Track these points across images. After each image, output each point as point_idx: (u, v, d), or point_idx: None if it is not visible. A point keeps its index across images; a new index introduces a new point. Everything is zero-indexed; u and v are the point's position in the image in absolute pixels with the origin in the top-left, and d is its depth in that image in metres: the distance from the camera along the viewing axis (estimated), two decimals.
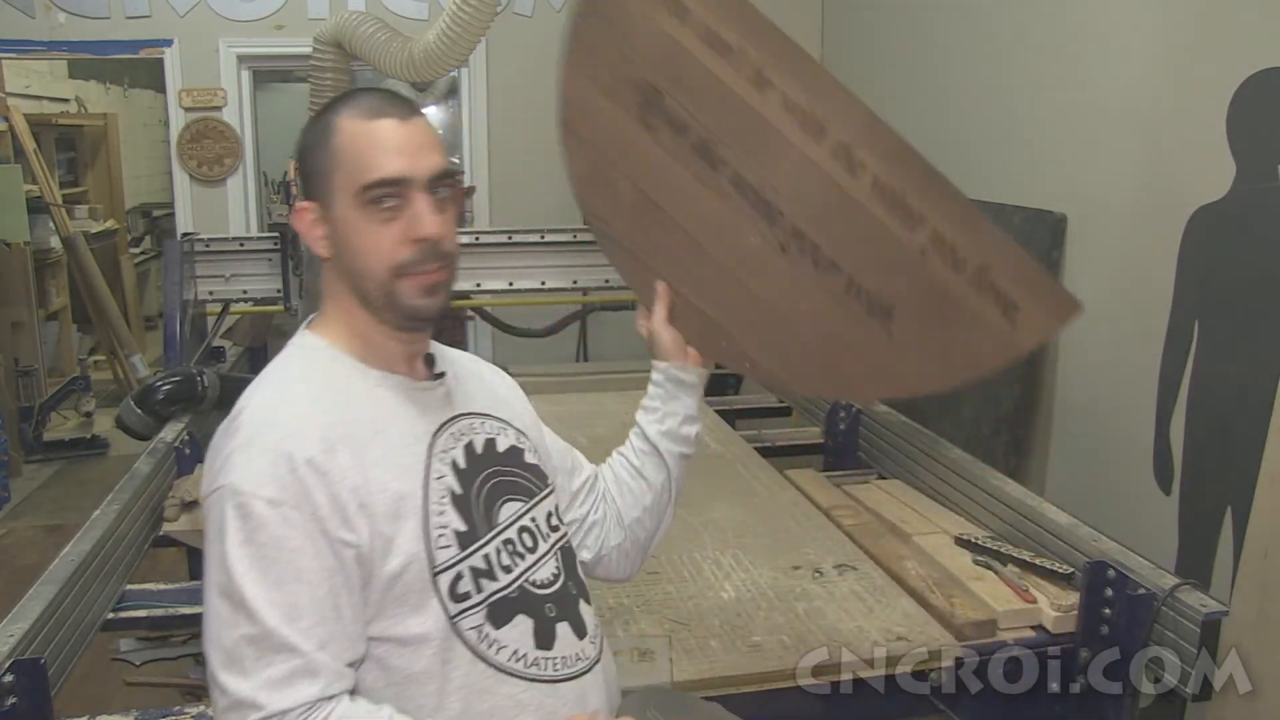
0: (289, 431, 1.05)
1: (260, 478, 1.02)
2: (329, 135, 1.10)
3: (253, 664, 0.98)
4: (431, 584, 1.07)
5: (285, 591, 1.00)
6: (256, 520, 1.01)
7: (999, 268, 1.19)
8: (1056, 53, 2.97)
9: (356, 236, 1.10)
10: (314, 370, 1.13)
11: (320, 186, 1.11)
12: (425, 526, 1.08)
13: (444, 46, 2.21)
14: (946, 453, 2.29)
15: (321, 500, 1.03)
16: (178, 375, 2.67)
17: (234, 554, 1.00)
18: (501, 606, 1.12)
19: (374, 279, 1.10)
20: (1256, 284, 2.22)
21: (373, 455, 1.08)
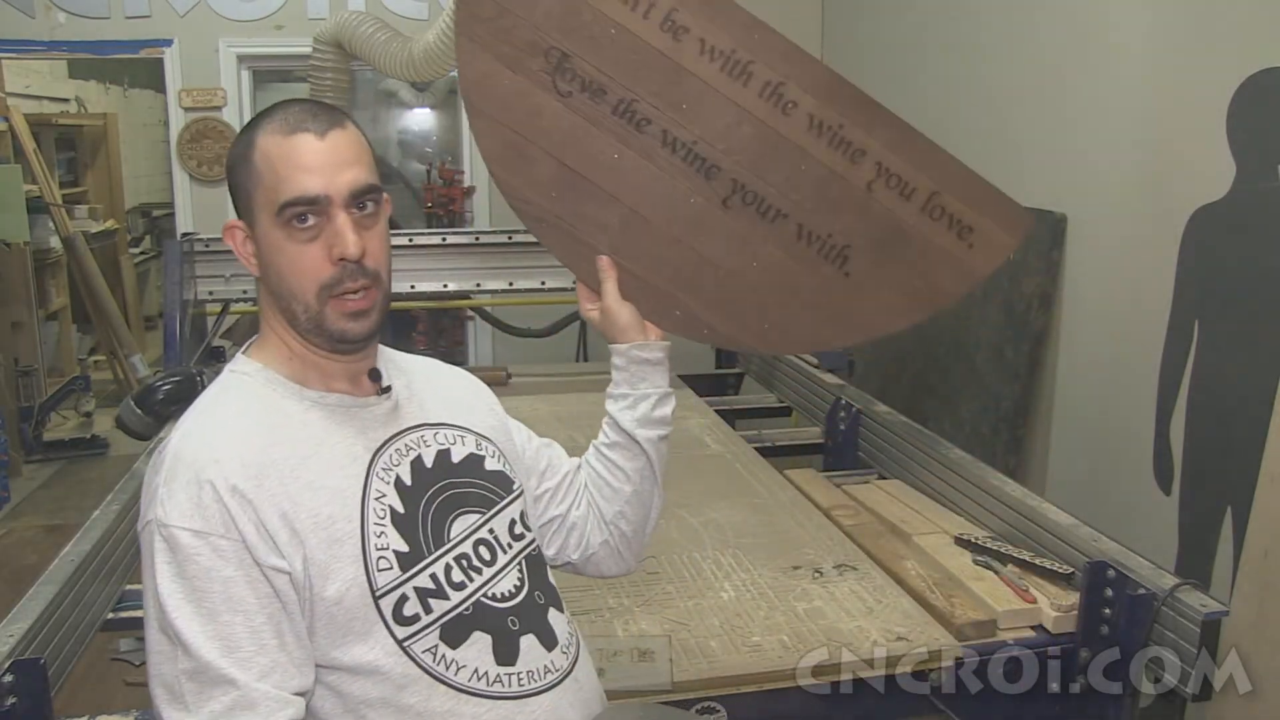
0: (211, 460, 1.02)
1: (185, 510, 0.99)
2: (250, 151, 1.07)
3: (194, 698, 0.97)
4: (375, 608, 1.04)
5: (220, 623, 0.98)
6: (185, 553, 0.98)
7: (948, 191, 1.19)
8: (1057, 53, 2.97)
9: (280, 256, 1.07)
10: (244, 396, 1.10)
11: (244, 204, 1.09)
12: (363, 549, 1.05)
13: (444, 46, 2.21)
14: (946, 453, 2.29)
15: (249, 528, 1.00)
16: (178, 375, 2.68)
17: (165, 588, 0.98)
18: (455, 625, 1.09)
19: (301, 301, 1.08)
20: (1256, 284, 2.22)
21: (304, 479, 1.05)
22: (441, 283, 3.10)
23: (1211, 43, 2.35)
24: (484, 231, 3.18)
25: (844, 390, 2.84)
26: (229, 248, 1.16)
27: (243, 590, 0.99)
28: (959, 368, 3.24)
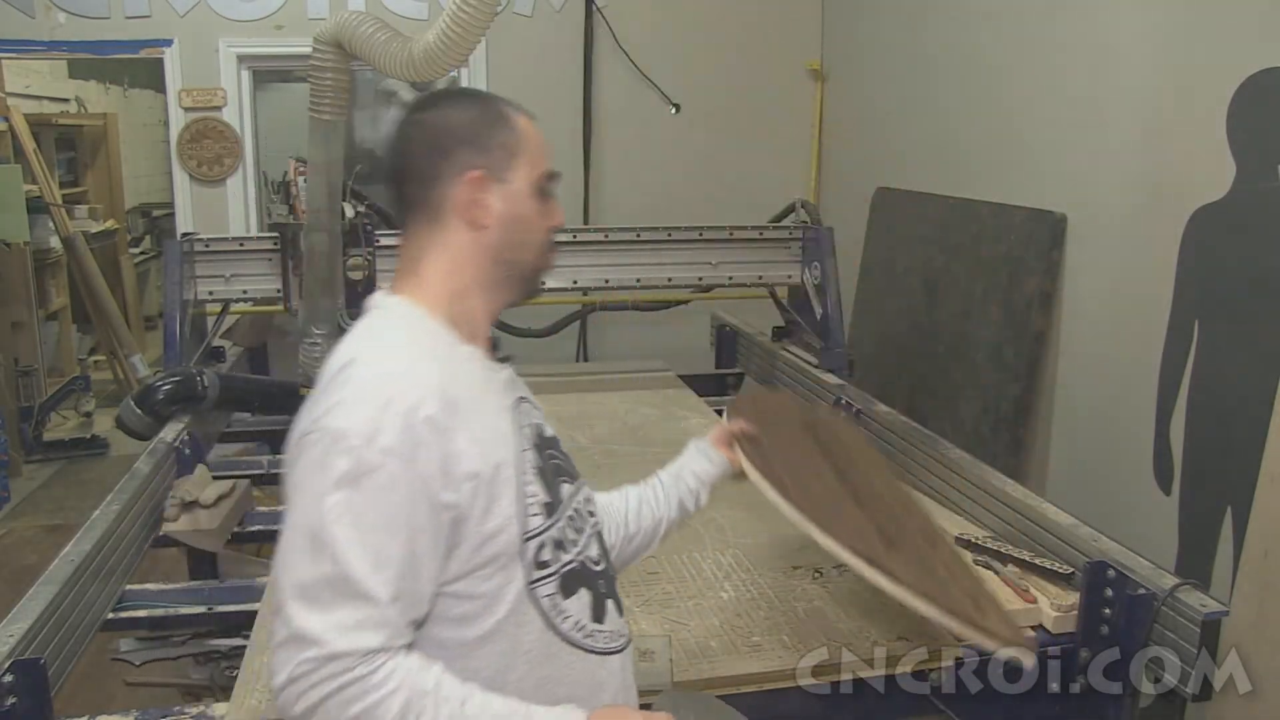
0: (409, 386, 1.05)
1: (378, 426, 1.02)
2: (507, 120, 1.19)
3: (326, 604, 0.99)
4: (520, 549, 1.11)
5: (375, 540, 1.01)
6: (366, 466, 1.01)
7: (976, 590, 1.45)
8: (1057, 53, 2.97)
9: (531, 215, 1.20)
10: (419, 336, 1.14)
11: (498, 161, 1.17)
12: (519, 493, 1.12)
13: (444, 46, 2.21)
14: (946, 453, 2.29)
15: (431, 458, 1.03)
16: (178, 375, 2.67)
17: (334, 495, 1.01)
18: (570, 578, 1.16)
19: (534, 254, 1.22)
20: (1256, 284, 2.22)
21: (479, 420, 1.10)
22: None
23: (1211, 43, 2.35)
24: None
25: (844, 390, 2.84)
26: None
27: (405, 516, 1.02)
28: (959, 368, 3.24)
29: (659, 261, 3.22)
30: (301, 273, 2.86)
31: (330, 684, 0.98)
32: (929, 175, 3.70)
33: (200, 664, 2.40)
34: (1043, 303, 2.91)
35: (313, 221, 2.70)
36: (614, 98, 4.73)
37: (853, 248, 4.07)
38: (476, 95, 1.24)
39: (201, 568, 2.47)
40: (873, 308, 3.97)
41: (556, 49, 4.69)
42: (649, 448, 2.70)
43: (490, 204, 1.17)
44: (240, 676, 1.56)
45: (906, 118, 3.95)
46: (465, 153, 1.16)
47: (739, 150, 4.84)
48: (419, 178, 1.17)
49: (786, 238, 3.30)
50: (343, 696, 0.98)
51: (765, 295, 3.45)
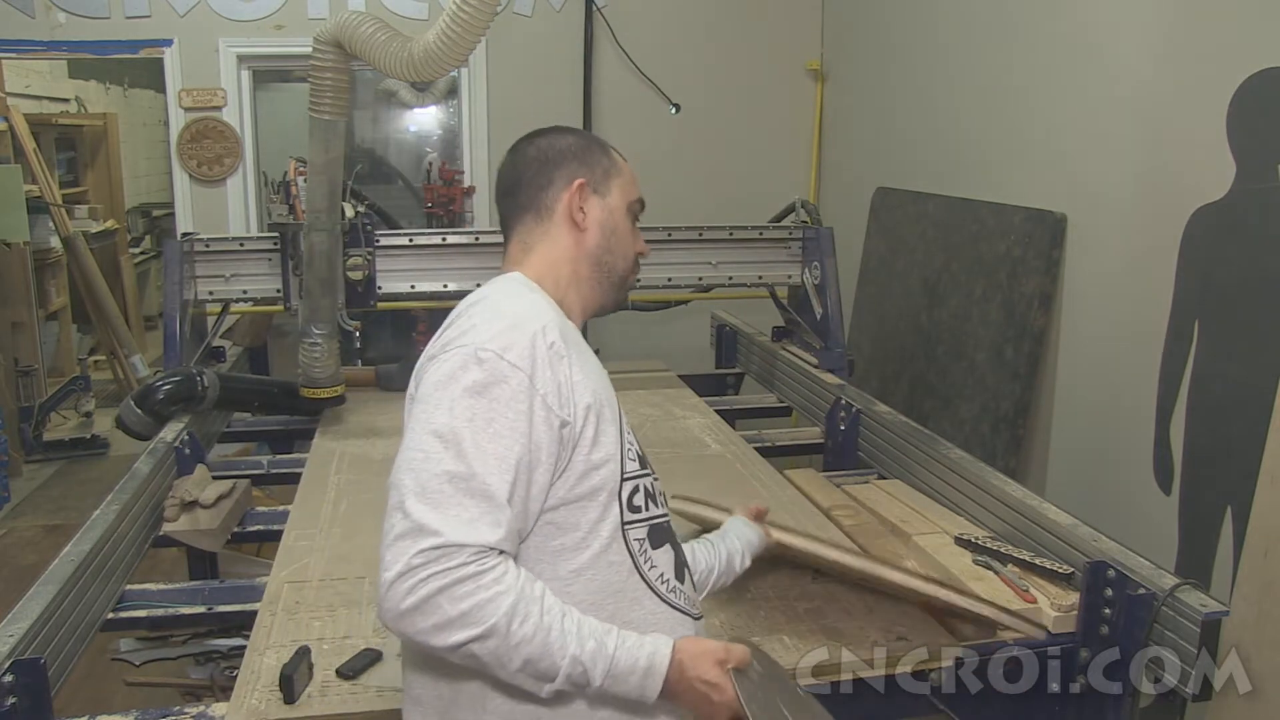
0: (535, 316, 1.18)
1: (508, 343, 1.13)
2: (607, 150, 1.37)
3: (447, 499, 1.05)
4: (618, 487, 1.19)
5: (502, 444, 1.09)
6: (497, 376, 1.11)
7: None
8: (1057, 53, 2.97)
9: (624, 229, 1.36)
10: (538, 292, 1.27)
11: (599, 177, 1.34)
12: (621, 434, 1.22)
13: (444, 46, 2.21)
14: (946, 453, 2.29)
15: (551, 378, 1.13)
16: (178, 375, 2.67)
17: (464, 401, 1.10)
18: (657, 531, 1.25)
19: (625, 262, 1.36)
20: (1256, 284, 2.22)
21: (588, 361, 1.22)
22: (441, 283, 3.09)
23: (1211, 43, 2.35)
24: (484, 231, 3.17)
25: (844, 390, 2.84)
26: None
27: (528, 426, 1.11)
28: (959, 368, 3.24)
29: (659, 261, 3.21)
30: (301, 273, 2.86)
31: (446, 577, 1.02)
32: (929, 175, 3.70)
33: (200, 664, 2.40)
34: (1043, 303, 2.91)
35: (313, 221, 2.70)
36: (614, 98, 4.73)
37: (853, 248, 4.07)
38: (582, 130, 1.43)
39: (201, 568, 2.47)
40: (873, 308, 3.97)
41: (556, 49, 4.69)
42: (649, 448, 2.69)
43: (590, 209, 1.32)
44: (240, 676, 1.56)
45: (906, 118, 3.95)
46: (573, 165, 1.32)
47: (739, 150, 4.84)
48: (533, 185, 1.32)
49: (786, 238, 3.30)
50: (457, 591, 1.02)
51: (765, 295, 3.45)
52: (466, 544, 1.03)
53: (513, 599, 1.04)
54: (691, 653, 1.13)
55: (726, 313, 3.89)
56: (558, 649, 1.06)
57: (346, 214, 2.85)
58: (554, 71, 4.67)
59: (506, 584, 1.05)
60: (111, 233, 6.93)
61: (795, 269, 3.30)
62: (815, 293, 3.22)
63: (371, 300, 3.02)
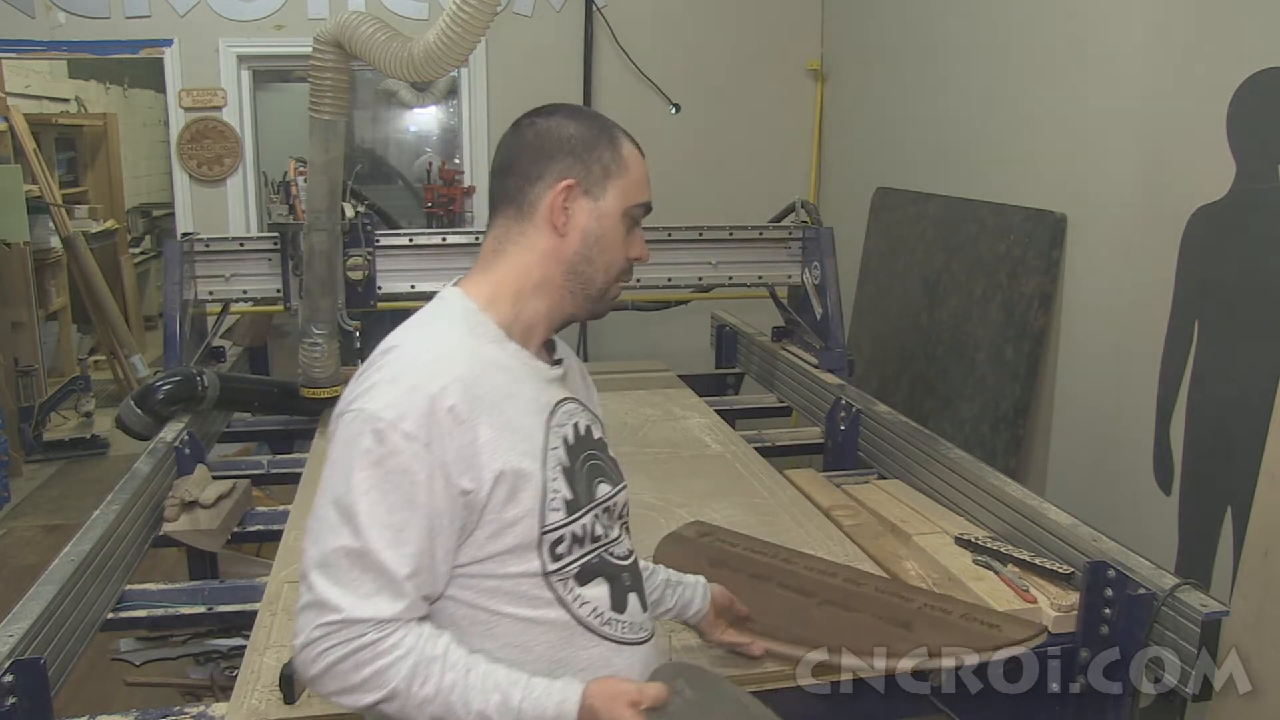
0: (437, 375, 1.12)
1: (402, 411, 1.09)
2: (616, 144, 1.25)
3: (345, 574, 1.07)
4: (538, 540, 1.16)
5: (398, 516, 1.08)
6: (389, 448, 1.08)
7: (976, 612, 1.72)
8: (1057, 53, 2.97)
9: (613, 236, 1.25)
10: (464, 327, 1.21)
11: (595, 177, 1.24)
12: (543, 489, 1.17)
13: (444, 46, 2.21)
14: (946, 453, 2.29)
15: (452, 447, 1.10)
16: (178, 375, 2.67)
17: (361, 472, 1.09)
18: (587, 569, 1.22)
19: (607, 274, 1.26)
20: (1256, 284, 2.22)
21: (506, 415, 1.16)
22: (441, 283, 3.09)
23: (1211, 43, 2.35)
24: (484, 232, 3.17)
25: (844, 390, 2.84)
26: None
27: (425, 496, 1.09)
28: (959, 368, 3.24)
29: (659, 261, 3.21)
30: (301, 273, 2.86)
31: (345, 647, 1.06)
32: (929, 175, 3.70)
33: (200, 664, 2.40)
34: (1043, 303, 2.91)
35: (313, 221, 2.70)
36: (614, 98, 4.73)
37: (853, 248, 4.07)
38: (595, 115, 1.30)
39: (201, 568, 2.47)
40: (873, 308, 3.97)
41: (556, 49, 4.69)
42: (649, 448, 2.70)
43: (574, 214, 1.23)
44: (240, 676, 1.56)
45: (906, 118, 3.95)
46: (566, 161, 1.23)
47: (739, 150, 4.84)
48: (521, 174, 1.24)
49: (786, 238, 3.30)
50: (356, 659, 1.06)
51: (765, 295, 3.45)
52: (364, 619, 1.06)
53: (412, 662, 1.07)
54: (603, 695, 1.11)
55: (726, 313, 3.89)
56: (460, 706, 1.08)
57: (346, 214, 2.86)
58: (554, 71, 4.67)
59: (405, 648, 1.07)
60: (111, 233, 6.93)
61: (795, 269, 3.30)
62: (815, 293, 3.22)
63: (371, 300, 3.02)
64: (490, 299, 1.24)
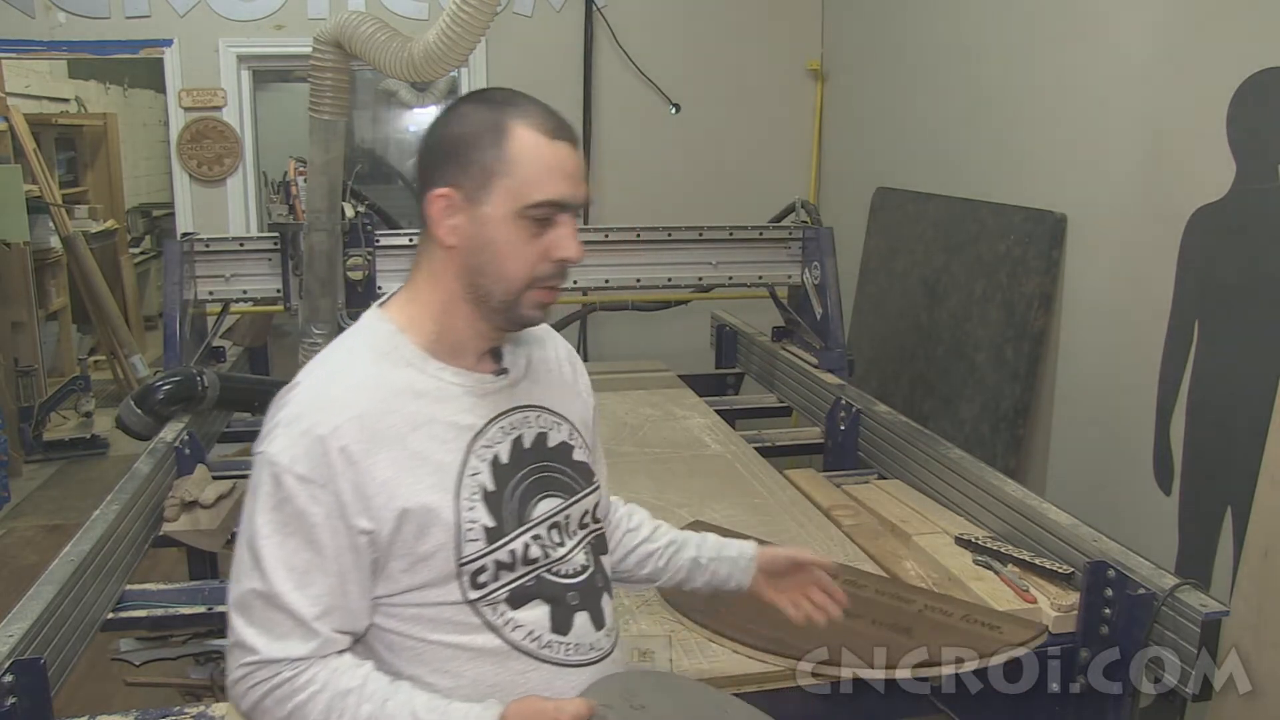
0: (329, 418, 1.10)
1: (295, 454, 1.09)
2: (503, 138, 1.12)
3: (259, 615, 1.09)
4: (456, 572, 1.13)
5: (299, 560, 1.08)
6: (286, 492, 1.08)
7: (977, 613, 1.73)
8: (1057, 53, 2.97)
9: (504, 244, 1.13)
10: (372, 354, 1.17)
11: (476, 181, 1.12)
12: (456, 519, 1.13)
13: (444, 46, 2.21)
14: (946, 453, 2.29)
15: (346, 487, 1.09)
16: (178, 375, 2.67)
17: (261, 517, 1.09)
18: (520, 593, 1.17)
19: (505, 285, 1.14)
20: (1256, 284, 2.22)
21: (412, 448, 1.12)
22: None
23: (1211, 43, 2.35)
24: None
25: (844, 390, 2.84)
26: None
27: (325, 537, 1.09)
28: (959, 368, 3.24)
29: (659, 261, 3.21)
30: (301, 273, 2.86)
31: (265, 685, 1.09)
32: (929, 175, 3.70)
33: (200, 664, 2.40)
34: (1043, 303, 2.91)
35: (313, 221, 2.70)
36: (614, 98, 4.73)
37: (853, 248, 4.07)
38: (494, 104, 1.15)
39: (201, 568, 2.47)
40: (873, 308, 3.97)
41: (556, 49, 4.68)
42: (649, 448, 2.70)
43: (460, 224, 1.13)
44: None
45: (906, 118, 3.95)
46: (448, 168, 1.13)
47: (739, 150, 4.84)
48: (419, 184, 1.17)
49: (786, 238, 3.30)
50: (276, 696, 1.09)
51: (765, 295, 3.45)
52: (279, 659, 1.08)
53: (327, 697, 1.08)
54: (520, 716, 1.08)
55: (726, 313, 3.89)
56: None
57: (346, 214, 2.85)
58: (554, 71, 4.67)
59: (319, 683, 1.08)
60: (111, 233, 6.93)
61: (795, 269, 3.30)
62: (815, 293, 3.22)
63: (371, 300, 3.02)
64: (411, 319, 1.18)
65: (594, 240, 3.23)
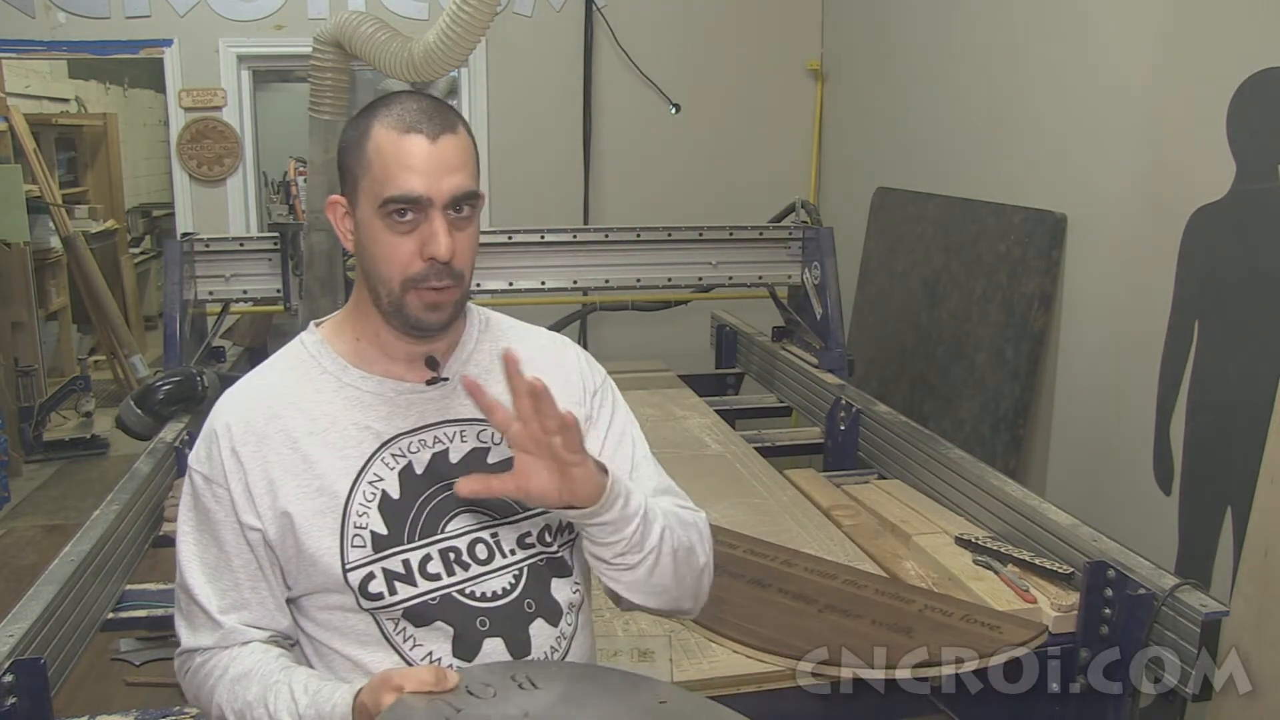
0: (226, 420, 1.16)
1: (200, 456, 1.17)
2: (363, 140, 1.12)
3: (183, 608, 1.18)
4: (344, 579, 1.13)
5: (210, 555, 1.15)
6: (196, 490, 1.16)
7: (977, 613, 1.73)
8: (1057, 53, 2.97)
9: (375, 243, 1.13)
10: (289, 365, 1.21)
11: (350, 186, 1.15)
12: (343, 525, 1.14)
13: (444, 46, 2.21)
14: (946, 453, 2.29)
15: (236, 486, 1.14)
16: (178, 375, 2.67)
17: (182, 515, 1.18)
18: (419, 610, 1.14)
19: (386, 285, 1.13)
20: (1256, 284, 2.22)
21: (303, 451, 1.14)
22: None
23: (1211, 43, 2.35)
24: (484, 231, 3.16)
25: (844, 390, 2.84)
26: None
27: (227, 534, 1.15)
28: (959, 368, 3.24)
29: (659, 261, 3.21)
30: (301, 273, 2.86)
31: (184, 673, 1.19)
32: (929, 175, 3.70)
33: None
34: (1043, 303, 2.91)
35: (313, 221, 2.70)
36: (614, 98, 4.73)
37: (853, 248, 4.07)
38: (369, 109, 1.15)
39: None
40: (873, 308, 3.97)
41: (556, 49, 4.69)
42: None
43: (345, 226, 1.17)
44: None
45: (906, 118, 3.95)
46: (340, 177, 1.17)
47: (739, 150, 4.84)
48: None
49: (786, 238, 3.30)
50: (195, 683, 1.17)
51: (765, 295, 3.45)
52: (194, 648, 1.16)
53: (229, 680, 1.13)
54: (371, 686, 1.03)
55: (726, 313, 3.89)
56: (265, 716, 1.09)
57: None
58: (554, 71, 4.67)
59: (223, 668, 1.14)
60: (111, 233, 6.93)
61: (795, 269, 3.30)
62: (815, 293, 3.22)
63: None
64: (336, 328, 1.22)
65: (594, 240, 3.23)
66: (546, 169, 4.71)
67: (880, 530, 2.15)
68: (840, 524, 2.17)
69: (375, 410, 1.17)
